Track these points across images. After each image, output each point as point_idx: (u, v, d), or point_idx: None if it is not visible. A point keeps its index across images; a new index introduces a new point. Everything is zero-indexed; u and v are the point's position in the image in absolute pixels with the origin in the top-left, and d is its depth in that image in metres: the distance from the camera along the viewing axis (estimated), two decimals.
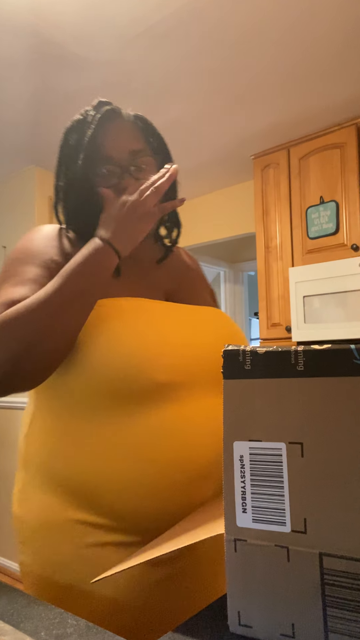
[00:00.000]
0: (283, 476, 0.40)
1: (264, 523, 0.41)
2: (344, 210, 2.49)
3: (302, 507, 0.40)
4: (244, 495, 0.42)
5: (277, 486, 0.41)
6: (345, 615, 0.38)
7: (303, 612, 0.40)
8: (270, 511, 0.41)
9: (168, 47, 1.93)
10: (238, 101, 2.35)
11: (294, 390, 0.40)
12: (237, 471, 0.42)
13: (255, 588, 0.42)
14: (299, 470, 0.40)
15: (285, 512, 0.40)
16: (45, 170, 3.04)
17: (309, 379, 0.40)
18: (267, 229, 2.80)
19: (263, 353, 0.42)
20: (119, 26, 1.80)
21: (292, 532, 0.40)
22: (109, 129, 0.79)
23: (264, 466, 0.41)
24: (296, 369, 0.40)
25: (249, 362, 0.42)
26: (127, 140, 0.80)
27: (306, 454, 0.40)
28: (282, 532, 0.40)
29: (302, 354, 0.40)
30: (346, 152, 2.50)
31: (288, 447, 0.40)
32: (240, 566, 0.42)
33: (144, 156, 0.81)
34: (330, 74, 2.15)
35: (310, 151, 2.63)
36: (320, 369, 0.40)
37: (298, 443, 0.40)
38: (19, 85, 2.16)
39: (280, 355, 0.41)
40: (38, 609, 0.48)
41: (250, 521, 0.41)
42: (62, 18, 1.75)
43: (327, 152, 2.57)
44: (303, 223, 2.63)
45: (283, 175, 2.74)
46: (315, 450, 0.40)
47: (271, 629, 0.41)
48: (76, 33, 1.83)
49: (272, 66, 2.08)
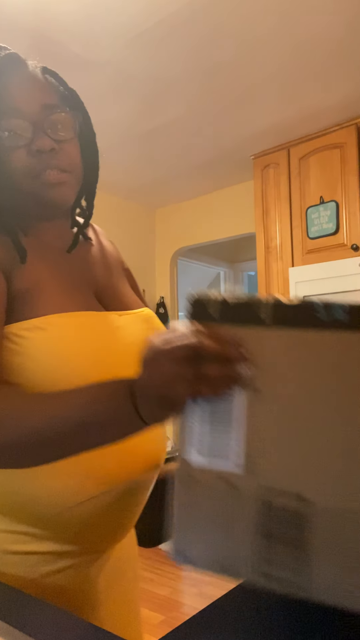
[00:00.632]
0: (237, 419, 0.43)
1: (216, 462, 0.44)
2: (344, 210, 2.49)
3: (251, 448, 0.42)
4: (199, 436, 0.44)
5: (231, 428, 0.43)
6: (279, 549, 0.41)
7: (242, 544, 0.42)
8: (222, 452, 0.43)
9: (168, 47, 1.93)
10: (238, 101, 2.35)
11: (255, 339, 0.42)
12: (192, 413, 0.45)
13: (199, 522, 0.44)
14: (252, 414, 0.43)
15: (236, 452, 0.43)
16: None
17: (271, 329, 0.42)
18: (267, 229, 2.80)
19: (230, 302, 0.44)
20: (119, 26, 1.80)
21: (241, 471, 0.43)
22: (14, 76, 0.66)
23: (217, 409, 0.43)
24: (260, 318, 0.42)
25: (217, 310, 0.44)
26: (38, 92, 0.66)
27: (258, 400, 0.42)
28: (231, 470, 0.43)
29: (267, 305, 0.42)
30: (346, 152, 2.50)
31: (246, 392, 0.43)
32: (187, 502, 0.45)
33: (59, 112, 0.66)
34: (329, 74, 2.15)
35: (310, 151, 2.63)
36: (284, 321, 0.42)
37: (255, 389, 0.42)
38: None
39: (246, 305, 0.43)
40: (38, 609, 0.48)
41: (203, 460, 0.44)
42: (63, 18, 1.75)
43: (327, 152, 2.57)
44: (303, 223, 2.63)
45: (283, 175, 2.74)
46: (268, 397, 0.42)
47: (211, 560, 0.44)
48: (76, 33, 1.83)
49: (272, 66, 2.08)
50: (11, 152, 0.64)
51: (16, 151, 0.64)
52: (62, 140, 0.66)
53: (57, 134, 0.65)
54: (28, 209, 0.68)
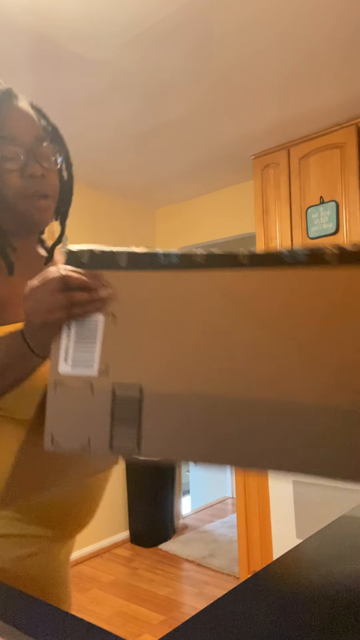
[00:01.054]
0: (97, 337, 0.58)
1: (79, 369, 0.58)
2: (344, 210, 2.49)
3: (106, 357, 0.58)
4: (67, 351, 0.59)
5: (92, 343, 0.58)
6: (123, 429, 0.57)
7: (97, 428, 0.58)
8: (85, 361, 0.58)
9: (168, 47, 1.93)
10: (238, 101, 2.35)
11: (114, 278, 0.59)
12: (64, 333, 0.59)
13: (66, 416, 0.59)
14: (108, 333, 0.58)
15: (95, 361, 0.58)
16: None
17: (127, 271, 0.58)
18: (267, 229, 2.80)
19: (96, 251, 0.60)
20: (119, 26, 1.80)
21: (98, 375, 0.58)
22: (9, 109, 0.75)
23: (82, 329, 0.58)
24: (118, 264, 0.59)
25: (86, 258, 0.60)
26: (30, 124, 0.76)
27: (117, 322, 0.58)
28: (91, 375, 0.58)
29: (124, 254, 0.59)
30: (346, 152, 2.50)
31: (105, 317, 0.59)
32: (57, 402, 0.59)
33: (47, 144, 0.76)
34: (330, 74, 2.15)
35: (310, 151, 2.63)
36: (135, 265, 0.58)
37: (112, 315, 0.58)
38: (18, 85, 2.16)
39: (103, 254, 0.59)
40: (38, 609, 0.48)
41: (69, 369, 0.59)
42: (62, 18, 1.75)
43: (327, 152, 2.57)
44: (303, 223, 2.63)
45: (283, 175, 2.74)
46: (123, 321, 0.58)
47: (74, 442, 0.58)
48: (76, 33, 1.83)
49: (272, 66, 2.08)
50: (5, 174, 0.73)
51: (10, 174, 0.73)
52: (48, 169, 0.76)
53: (45, 162, 0.75)
54: (12, 226, 0.77)
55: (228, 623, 0.47)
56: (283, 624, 0.48)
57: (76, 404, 0.57)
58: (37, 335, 0.60)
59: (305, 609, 0.50)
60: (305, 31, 1.86)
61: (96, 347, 0.58)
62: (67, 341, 0.58)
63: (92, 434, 0.57)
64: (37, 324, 0.58)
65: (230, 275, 0.55)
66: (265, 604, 0.51)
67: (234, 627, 0.47)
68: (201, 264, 0.56)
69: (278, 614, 0.49)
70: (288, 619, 0.49)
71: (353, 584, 0.57)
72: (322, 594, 0.54)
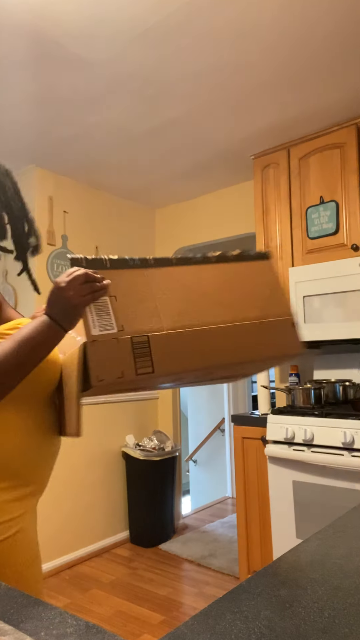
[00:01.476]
0: (110, 310, 0.85)
1: (105, 331, 0.83)
2: (344, 210, 2.49)
3: (120, 321, 0.84)
4: (94, 321, 0.83)
5: (108, 314, 0.84)
6: (142, 361, 0.83)
7: (126, 364, 0.83)
8: (107, 325, 0.83)
9: (168, 47, 1.93)
10: (238, 101, 2.35)
11: (105, 276, 0.86)
12: (87, 311, 0.84)
13: (103, 361, 0.81)
14: (114, 307, 0.85)
15: (114, 324, 0.84)
16: (45, 170, 3.04)
17: (110, 271, 0.88)
18: (267, 229, 2.80)
19: (89, 258, 0.88)
20: (119, 26, 1.80)
21: (117, 331, 0.83)
22: None
23: (98, 306, 0.85)
24: (105, 266, 0.88)
25: (83, 263, 0.87)
26: None
27: (118, 300, 0.86)
28: (114, 332, 0.83)
29: (107, 259, 0.88)
30: (346, 152, 2.50)
31: (109, 298, 0.86)
32: (96, 353, 0.81)
33: None
34: (330, 74, 2.15)
35: (310, 151, 2.63)
36: (116, 266, 0.89)
37: (114, 297, 0.86)
38: (19, 85, 2.16)
39: (93, 259, 0.88)
40: (38, 609, 0.48)
41: (98, 331, 0.83)
42: (62, 18, 1.75)
43: (327, 152, 2.57)
44: (303, 223, 2.63)
45: (283, 176, 2.74)
46: (119, 300, 0.86)
47: (112, 376, 0.82)
48: (76, 33, 1.83)
49: (272, 66, 2.08)
50: None
51: None
52: None
53: None
54: None
55: (228, 623, 0.47)
56: (283, 624, 0.48)
57: (109, 352, 0.82)
58: (70, 315, 0.84)
59: (305, 609, 0.50)
60: (306, 31, 1.86)
61: (111, 316, 0.84)
62: (91, 315, 0.84)
63: (124, 368, 0.82)
64: (77, 304, 0.83)
65: (173, 269, 0.93)
66: (265, 604, 0.51)
67: (234, 627, 0.47)
68: (152, 264, 0.91)
69: (278, 614, 0.49)
70: (288, 619, 0.49)
71: (353, 584, 0.57)
72: (322, 594, 0.54)
